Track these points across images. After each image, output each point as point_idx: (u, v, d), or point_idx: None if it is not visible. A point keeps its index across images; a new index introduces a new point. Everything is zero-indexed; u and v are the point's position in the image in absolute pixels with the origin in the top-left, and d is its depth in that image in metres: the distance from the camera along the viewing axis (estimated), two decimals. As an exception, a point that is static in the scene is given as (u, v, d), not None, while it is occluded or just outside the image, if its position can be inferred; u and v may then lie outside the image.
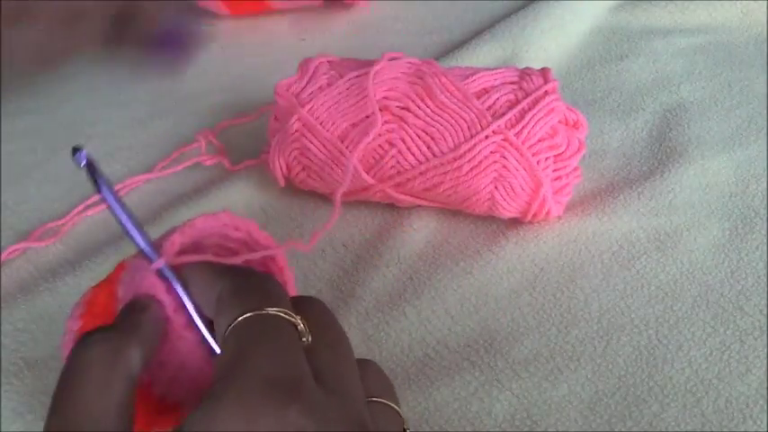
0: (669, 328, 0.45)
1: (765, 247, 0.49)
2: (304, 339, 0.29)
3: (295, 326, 0.28)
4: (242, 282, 0.30)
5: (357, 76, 0.51)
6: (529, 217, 0.50)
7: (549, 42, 0.69)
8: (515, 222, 0.52)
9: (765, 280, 0.47)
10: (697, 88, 0.64)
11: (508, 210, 0.50)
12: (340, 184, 0.52)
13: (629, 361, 0.43)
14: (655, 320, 0.45)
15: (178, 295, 0.31)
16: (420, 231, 0.52)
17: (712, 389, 0.42)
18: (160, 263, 0.31)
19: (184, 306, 0.31)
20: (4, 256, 0.50)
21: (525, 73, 0.51)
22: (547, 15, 0.70)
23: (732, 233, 0.51)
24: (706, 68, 0.66)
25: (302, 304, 0.31)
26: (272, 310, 0.28)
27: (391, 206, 0.53)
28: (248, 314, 0.28)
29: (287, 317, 0.28)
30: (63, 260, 0.51)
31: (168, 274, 0.31)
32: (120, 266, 0.34)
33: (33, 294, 0.48)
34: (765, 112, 0.61)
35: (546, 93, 0.49)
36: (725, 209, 0.52)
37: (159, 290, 0.31)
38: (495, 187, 0.49)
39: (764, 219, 0.51)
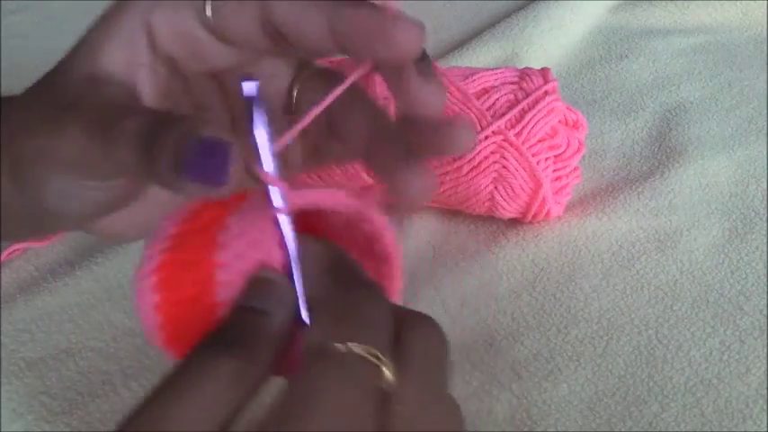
0: (669, 328, 0.45)
1: (765, 247, 0.49)
2: (385, 386, 0.26)
3: (379, 370, 0.25)
4: (343, 296, 0.27)
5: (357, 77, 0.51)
6: (529, 217, 0.50)
7: (549, 42, 0.69)
8: (515, 222, 0.52)
9: (765, 280, 0.47)
10: (697, 88, 0.64)
11: (508, 210, 0.50)
12: (339, 185, 0.52)
13: (629, 361, 0.43)
14: (655, 320, 0.45)
15: (284, 250, 0.28)
16: (420, 231, 0.52)
17: (712, 389, 0.42)
18: (283, 210, 0.28)
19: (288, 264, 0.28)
20: (4, 256, 0.51)
21: (525, 73, 0.51)
22: (547, 15, 0.70)
23: (732, 233, 0.51)
24: (706, 68, 0.66)
25: (409, 323, 0.27)
26: (357, 349, 0.25)
27: (391, 206, 0.53)
28: (329, 347, 0.25)
29: (372, 359, 0.25)
30: (63, 260, 0.51)
31: (286, 224, 0.28)
32: (240, 197, 0.30)
33: (33, 294, 0.48)
34: (765, 112, 0.61)
35: (546, 93, 0.49)
36: (725, 209, 0.52)
37: (270, 237, 0.28)
38: (495, 188, 0.49)
39: (764, 219, 0.51)
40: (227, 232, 0.28)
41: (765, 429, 0.40)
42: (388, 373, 0.25)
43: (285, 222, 0.28)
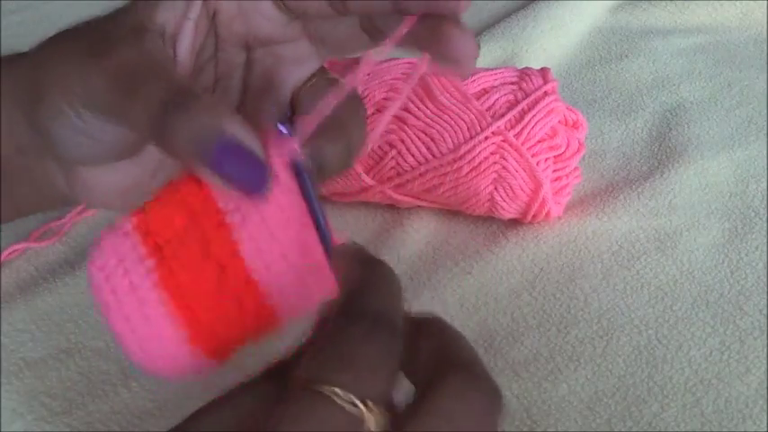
0: (669, 328, 0.45)
1: (765, 247, 0.49)
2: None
3: (361, 421, 0.23)
4: (345, 332, 0.25)
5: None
6: (529, 218, 0.50)
7: (549, 42, 0.69)
8: (515, 222, 0.52)
9: (765, 280, 0.47)
10: (697, 88, 0.64)
11: (508, 210, 0.50)
12: (339, 186, 0.52)
13: (629, 361, 0.43)
14: (655, 320, 0.45)
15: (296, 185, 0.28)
16: (420, 232, 0.52)
17: (712, 389, 0.42)
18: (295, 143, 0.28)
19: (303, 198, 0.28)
20: (4, 256, 0.51)
21: (525, 73, 0.51)
22: (547, 15, 0.70)
23: (732, 233, 0.51)
24: (706, 68, 0.66)
25: (451, 371, 0.25)
26: (340, 394, 0.23)
27: (391, 206, 0.53)
28: (312, 388, 0.23)
29: (357, 408, 0.23)
30: (63, 260, 0.51)
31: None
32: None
33: (33, 294, 0.48)
34: (765, 112, 0.61)
35: (545, 93, 0.49)
36: (725, 209, 0.52)
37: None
38: (495, 188, 0.49)
39: (764, 219, 0.51)
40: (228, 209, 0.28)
41: (765, 429, 0.40)
42: (373, 424, 0.23)
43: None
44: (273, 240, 0.28)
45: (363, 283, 0.26)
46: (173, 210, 0.28)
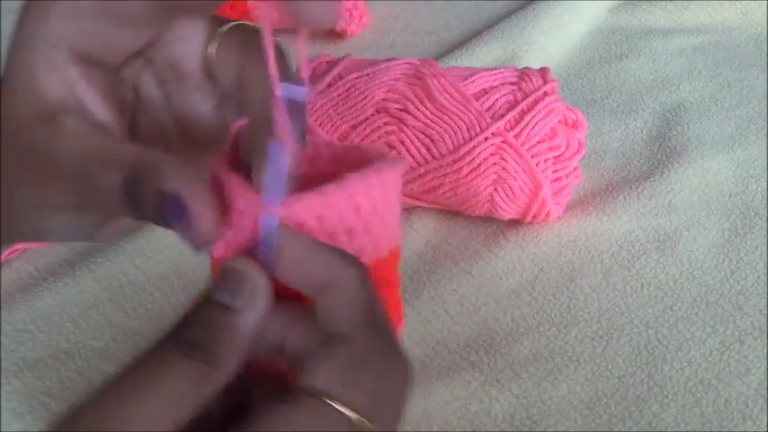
0: (669, 328, 0.45)
1: (765, 247, 0.49)
2: None
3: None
4: (365, 353, 0.26)
5: (357, 78, 0.51)
6: (529, 218, 0.50)
7: (549, 42, 0.69)
8: (515, 222, 0.52)
9: (765, 280, 0.47)
10: (697, 88, 0.64)
11: (508, 211, 0.50)
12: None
13: (628, 361, 0.43)
14: (655, 320, 0.45)
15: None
16: (419, 232, 0.52)
17: (712, 389, 0.42)
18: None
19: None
20: (3, 256, 0.50)
21: (524, 73, 0.51)
22: (547, 15, 0.70)
23: (732, 233, 0.51)
24: (706, 68, 0.66)
25: None
26: (348, 414, 0.24)
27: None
28: (322, 400, 0.24)
29: (363, 428, 0.24)
30: (63, 260, 0.51)
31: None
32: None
33: (33, 294, 0.48)
34: (765, 112, 0.61)
35: (545, 94, 0.49)
36: (725, 209, 0.52)
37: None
38: (495, 189, 0.49)
39: (764, 219, 0.51)
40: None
41: (765, 429, 0.40)
42: None
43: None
44: None
45: (372, 300, 0.27)
46: None
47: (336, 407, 0.24)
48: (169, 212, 0.26)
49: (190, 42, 0.32)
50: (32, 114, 0.29)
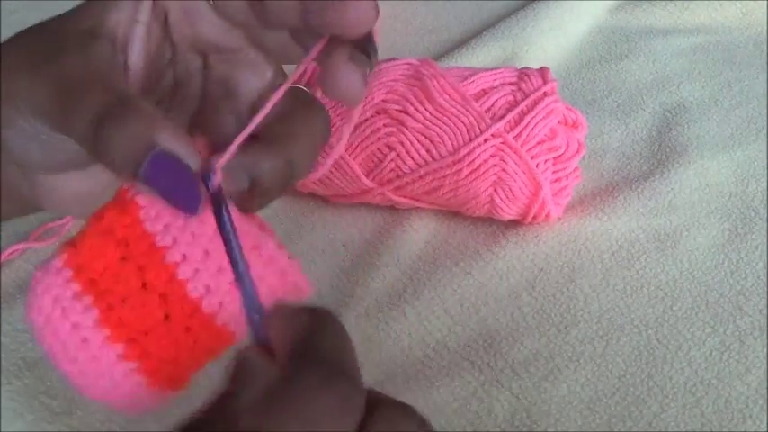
0: (669, 328, 0.45)
1: (765, 247, 0.49)
2: None
3: None
4: (296, 381, 0.23)
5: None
6: (529, 219, 0.50)
7: (549, 42, 0.69)
8: (515, 223, 0.52)
9: (765, 280, 0.47)
10: (697, 88, 0.64)
11: (508, 212, 0.50)
12: (339, 188, 0.52)
13: (629, 361, 0.43)
14: (655, 320, 0.45)
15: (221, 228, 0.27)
16: (419, 232, 0.52)
17: (712, 389, 0.42)
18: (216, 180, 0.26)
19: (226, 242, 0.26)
20: (4, 256, 0.51)
21: (524, 73, 0.51)
22: (547, 15, 0.70)
23: (732, 233, 0.51)
24: (706, 68, 0.66)
25: (381, 411, 0.24)
26: None
27: (391, 207, 0.53)
28: None
29: None
30: (63, 260, 0.51)
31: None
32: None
33: (33, 294, 0.48)
34: (765, 112, 0.61)
35: (545, 94, 0.49)
36: (725, 209, 0.52)
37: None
38: (495, 190, 0.49)
39: (764, 219, 0.51)
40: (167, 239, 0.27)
41: (765, 429, 0.40)
42: None
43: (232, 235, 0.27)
44: (208, 257, 0.27)
45: (314, 330, 0.25)
46: (101, 241, 0.28)
47: None
48: (155, 168, 0.25)
49: (254, 75, 0.32)
50: (85, 30, 0.29)
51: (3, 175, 0.32)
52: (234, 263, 0.26)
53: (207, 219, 0.27)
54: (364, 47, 0.29)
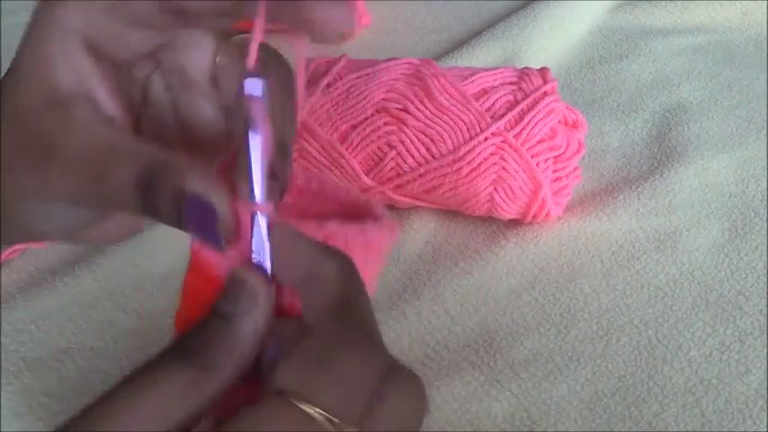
0: (669, 328, 0.45)
1: (765, 247, 0.49)
2: None
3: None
4: (327, 347, 0.25)
5: (357, 78, 0.51)
6: (529, 218, 0.50)
7: (549, 42, 0.69)
8: (515, 222, 0.52)
9: (765, 280, 0.47)
10: (697, 88, 0.64)
11: (508, 211, 0.50)
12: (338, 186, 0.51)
13: (629, 361, 0.43)
14: (655, 320, 0.45)
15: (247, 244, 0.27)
16: (419, 231, 0.52)
17: (712, 389, 0.42)
18: (265, 209, 0.27)
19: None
20: (4, 256, 0.50)
21: (524, 73, 0.51)
22: (547, 15, 0.70)
23: (732, 233, 0.51)
24: (706, 68, 0.66)
25: (391, 381, 0.25)
26: (312, 412, 0.24)
27: (391, 206, 0.53)
28: (286, 401, 0.24)
29: (327, 426, 0.24)
30: (63, 260, 0.51)
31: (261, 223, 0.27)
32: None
33: (33, 294, 0.48)
34: (765, 112, 0.61)
35: (545, 94, 0.49)
36: (725, 209, 0.52)
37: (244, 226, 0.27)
38: (495, 189, 0.49)
39: (764, 219, 0.51)
40: None
41: (765, 429, 0.40)
42: None
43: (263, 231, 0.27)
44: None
45: (350, 294, 0.26)
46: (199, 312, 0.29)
47: (297, 404, 0.24)
48: (191, 213, 0.26)
49: (199, 50, 0.32)
50: (42, 103, 0.29)
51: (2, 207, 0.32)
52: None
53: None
54: None
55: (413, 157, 0.49)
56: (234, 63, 0.32)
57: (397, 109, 0.49)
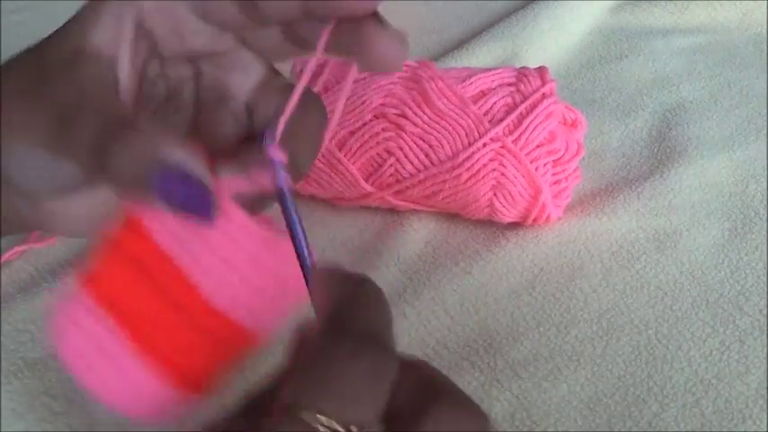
0: (669, 328, 0.45)
1: (765, 247, 0.49)
2: None
3: None
4: (335, 353, 0.24)
5: (354, 82, 0.50)
6: (529, 222, 0.50)
7: (549, 42, 0.69)
8: (515, 223, 0.52)
9: (765, 280, 0.47)
10: (697, 88, 0.64)
11: (508, 216, 0.50)
12: (339, 192, 0.51)
13: (628, 361, 0.43)
14: (654, 320, 0.45)
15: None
16: (419, 232, 0.52)
17: (712, 389, 0.42)
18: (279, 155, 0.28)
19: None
20: (4, 256, 0.51)
21: (522, 73, 0.50)
22: (547, 15, 0.70)
23: (732, 233, 0.51)
24: (706, 68, 0.66)
25: (441, 400, 0.25)
26: (324, 422, 0.23)
27: (391, 208, 0.53)
28: (296, 412, 0.23)
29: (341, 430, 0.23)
30: (63, 260, 0.51)
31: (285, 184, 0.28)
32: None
33: (33, 294, 0.48)
34: (765, 112, 0.61)
35: (543, 96, 0.49)
36: (725, 209, 0.52)
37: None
38: (495, 194, 0.49)
39: (764, 219, 0.51)
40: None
41: (765, 429, 0.40)
42: None
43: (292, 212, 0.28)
44: (230, 269, 0.28)
45: (349, 300, 0.25)
46: (117, 264, 0.28)
47: (301, 415, 0.23)
48: (163, 182, 0.26)
49: (245, 74, 0.33)
50: (69, 51, 0.29)
51: (3, 196, 0.32)
52: (300, 254, 0.28)
53: (224, 230, 0.28)
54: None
55: (411, 163, 0.49)
56: (272, 99, 0.32)
57: (395, 114, 0.49)
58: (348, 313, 0.25)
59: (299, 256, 0.29)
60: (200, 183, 0.26)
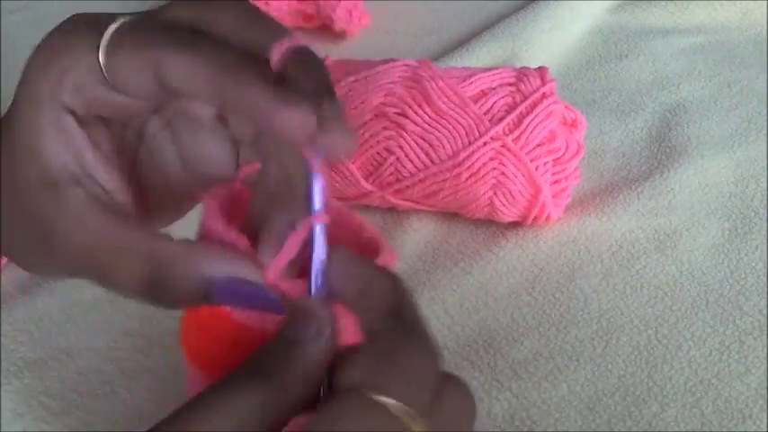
0: (669, 328, 0.45)
1: (765, 247, 0.49)
2: None
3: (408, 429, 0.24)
4: (396, 343, 0.26)
5: (355, 81, 0.50)
6: (529, 221, 0.50)
7: (549, 42, 0.69)
8: (515, 223, 0.52)
9: (765, 280, 0.47)
10: (697, 88, 0.64)
11: (508, 215, 0.50)
12: (339, 191, 0.51)
13: (628, 361, 0.43)
14: (654, 320, 0.45)
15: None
16: (419, 232, 0.52)
17: (712, 389, 0.42)
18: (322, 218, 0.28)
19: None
20: (4, 256, 0.50)
21: (523, 73, 0.50)
22: (547, 15, 0.70)
23: (732, 233, 0.51)
24: (706, 68, 0.66)
25: (449, 383, 0.27)
26: (390, 404, 0.24)
27: (391, 207, 0.53)
28: (363, 394, 0.25)
29: (404, 418, 0.24)
30: (63, 260, 0.51)
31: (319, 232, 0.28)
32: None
33: (33, 294, 0.48)
34: (765, 112, 0.61)
35: (543, 95, 0.49)
36: (725, 209, 0.52)
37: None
38: (495, 193, 0.49)
39: (764, 219, 0.51)
40: None
41: (765, 429, 0.40)
42: None
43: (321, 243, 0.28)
44: None
45: (410, 299, 0.28)
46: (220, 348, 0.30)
47: (372, 396, 0.24)
48: (223, 291, 0.27)
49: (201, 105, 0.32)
50: (37, 179, 0.28)
51: None
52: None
53: None
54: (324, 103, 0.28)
55: (412, 162, 0.49)
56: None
57: (395, 113, 0.49)
58: (410, 312, 0.28)
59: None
60: (254, 284, 0.27)
